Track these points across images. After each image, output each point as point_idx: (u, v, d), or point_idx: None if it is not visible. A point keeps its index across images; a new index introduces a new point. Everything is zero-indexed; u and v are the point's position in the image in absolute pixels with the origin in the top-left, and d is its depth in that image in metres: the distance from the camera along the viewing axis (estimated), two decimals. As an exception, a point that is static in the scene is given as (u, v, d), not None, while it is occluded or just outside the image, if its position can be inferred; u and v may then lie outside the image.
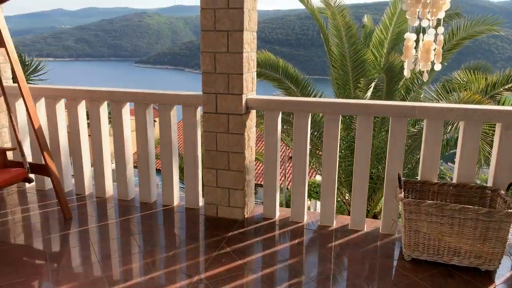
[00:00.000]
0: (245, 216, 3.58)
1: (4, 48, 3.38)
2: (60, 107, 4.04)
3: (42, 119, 4.08)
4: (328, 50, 7.45)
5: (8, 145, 4.24)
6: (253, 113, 3.54)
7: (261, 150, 13.98)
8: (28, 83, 8.84)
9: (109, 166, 4.09)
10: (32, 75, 8.81)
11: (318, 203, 19.35)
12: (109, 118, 4.05)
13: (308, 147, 3.42)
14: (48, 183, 4.23)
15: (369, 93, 6.17)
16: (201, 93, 3.40)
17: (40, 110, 4.07)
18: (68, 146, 4.18)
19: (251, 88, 3.47)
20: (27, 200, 4.06)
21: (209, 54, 3.28)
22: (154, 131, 3.96)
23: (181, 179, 6.86)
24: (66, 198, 3.62)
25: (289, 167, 20.84)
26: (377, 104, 3.22)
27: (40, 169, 3.54)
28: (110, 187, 4.13)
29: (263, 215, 3.62)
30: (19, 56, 8.73)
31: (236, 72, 3.25)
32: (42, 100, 4.07)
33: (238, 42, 3.18)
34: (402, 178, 3.05)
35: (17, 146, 3.39)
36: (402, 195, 2.85)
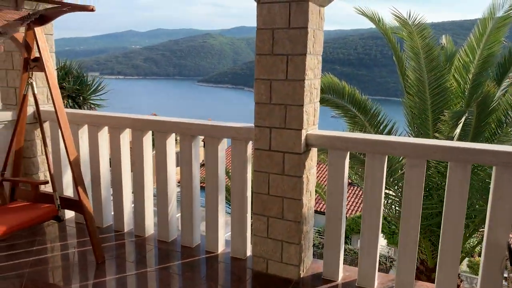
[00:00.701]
0: (301, 276, 2.96)
1: (44, 73, 3.11)
2: (103, 135, 3.73)
3: (84, 148, 3.79)
4: (402, 74, 6.63)
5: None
6: (313, 151, 2.95)
7: (321, 181, 13.19)
8: (88, 103, 8.87)
9: (151, 202, 3.69)
10: (92, 95, 8.88)
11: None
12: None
13: (383, 198, 2.76)
14: (87, 216, 3.91)
15: (458, 130, 5.17)
16: (253, 125, 2.89)
17: (83, 137, 3.79)
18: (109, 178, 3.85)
19: (313, 121, 2.90)
20: (65, 234, 3.76)
21: (264, 81, 2.77)
22: (199, 165, 3.50)
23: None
24: (99, 239, 3.23)
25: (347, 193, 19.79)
26: (478, 149, 2.47)
27: (73, 204, 3.19)
28: (150, 226, 3.71)
29: (322, 275, 2.98)
30: (82, 76, 8.88)
31: (296, 103, 2.70)
32: (85, 127, 3.78)
33: (299, 67, 2.64)
34: (512, 248, 2.30)
35: (50, 178, 3.06)
36: (515, 275, 2.10)
